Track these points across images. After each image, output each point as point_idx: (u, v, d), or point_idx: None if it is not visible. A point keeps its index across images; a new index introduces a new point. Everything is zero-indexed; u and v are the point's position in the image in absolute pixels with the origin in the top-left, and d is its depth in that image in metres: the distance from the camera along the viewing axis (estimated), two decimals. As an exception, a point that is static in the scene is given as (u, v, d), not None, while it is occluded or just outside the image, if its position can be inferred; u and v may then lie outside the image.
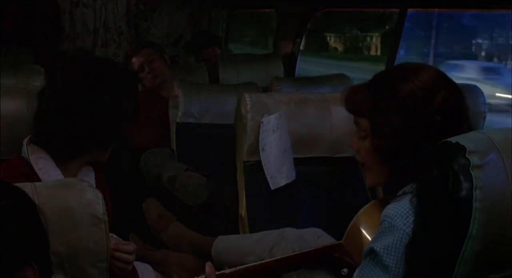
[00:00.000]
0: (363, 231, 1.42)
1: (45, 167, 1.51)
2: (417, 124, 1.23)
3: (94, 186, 1.50)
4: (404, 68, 1.30)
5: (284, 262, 1.46)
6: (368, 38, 8.40)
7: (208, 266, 1.33)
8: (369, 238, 1.37)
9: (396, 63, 2.90)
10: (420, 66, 1.30)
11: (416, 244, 1.14)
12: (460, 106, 1.26)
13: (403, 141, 1.25)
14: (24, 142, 1.54)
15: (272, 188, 1.93)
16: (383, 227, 1.22)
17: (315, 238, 1.75)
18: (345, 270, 1.44)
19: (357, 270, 1.26)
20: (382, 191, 1.99)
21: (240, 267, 1.39)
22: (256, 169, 1.95)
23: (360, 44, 8.75)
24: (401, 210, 1.20)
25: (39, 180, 1.47)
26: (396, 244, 1.18)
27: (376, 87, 1.30)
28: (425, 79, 1.25)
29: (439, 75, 1.28)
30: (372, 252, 1.22)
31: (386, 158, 1.29)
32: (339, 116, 2.00)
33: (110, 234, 1.26)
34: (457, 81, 1.32)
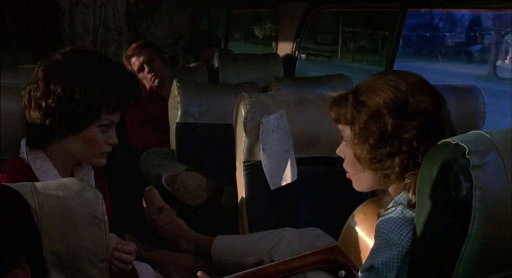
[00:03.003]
0: (359, 232, 1.41)
1: (42, 167, 1.51)
2: (394, 131, 1.24)
3: (93, 185, 1.51)
4: (383, 77, 1.32)
5: (281, 267, 1.46)
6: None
7: (201, 274, 1.34)
8: (365, 239, 1.37)
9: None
10: (400, 74, 1.31)
11: (416, 244, 1.14)
12: (437, 112, 1.26)
13: (381, 148, 1.26)
14: (22, 142, 1.54)
15: (272, 188, 1.93)
16: (379, 243, 1.22)
17: (314, 238, 1.76)
18: (342, 272, 1.44)
19: None
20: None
21: (237, 274, 1.39)
22: (256, 169, 1.95)
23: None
24: (394, 224, 1.20)
25: (37, 179, 1.47)
26: (395, 258, 1.18)
27: (355, 96, 1.32)
28: (401, 86, 1.26)
29: (417, 82, 1.29)
30: (371, 268, 1.22)
31: (367, 164, 1.30)
32: (339, 116, 1.99)
33: (110, 234, 1.26)
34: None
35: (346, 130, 1.35)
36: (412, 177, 1.22)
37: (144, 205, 2.13)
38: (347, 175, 1.40)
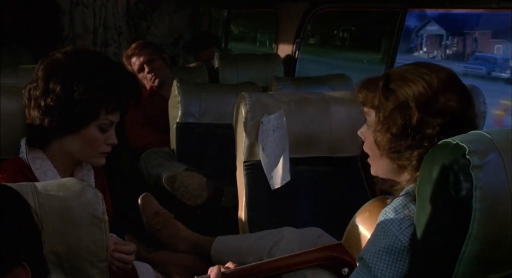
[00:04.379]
0: (362, 231, 1.42)
1: (42, 167, 1.51)
2: (418, 125, 1.24)
3: (93, 185, 1.50)
4: (417, 68, 1.31)
5: (284, 262, 1.46)
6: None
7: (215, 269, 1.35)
8: (368, 237, 1.38)
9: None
10: (434, 68, 1.30)
11: (416, 244, 1.14)
12: (463, 112, 1.26)
13: (402, 139, 1.26)
14: (22, 142, 1.54)
15: (272, 188, 1.93)
16: (377, 231, 1.22)
17: (315, 237, 1.76)
18: (346, 269, 1.43)
19: (352, 273, 1.26)
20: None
21: (240, 267, 1.39)
22: (256, 169, 1.95)
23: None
24: (396, 216, 1.20)
25: (36, 180, 1.47)
26: (388, 249, 1.18)
27: (386, 83, 1.31)
28: (433, 81, 1.26)
29: (449, 79, 1.28)
30: (361, 259, 1.22)
31: (386, 153, 1.30)
32: (339, 116, 2.00)
33: (110, 234, 1.26)
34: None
35: (371, 114, 1.35)
36: None
37: (141, 210, 2.13)
38: (368, 159, 1.40)
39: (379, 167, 1.36)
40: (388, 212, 1.22)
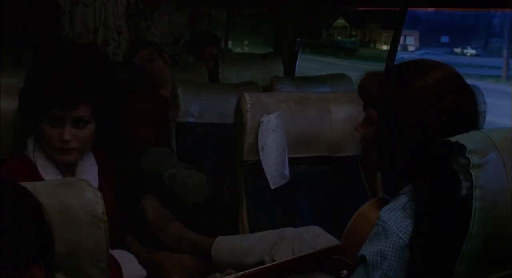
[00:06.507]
0: (361, 231, 1.41)
1: (45, 165, 1.52)
2: (422, 122, 1.22)
3: (97, 181, 1.51)
4: (419, 65, 1.29)
5: (284, 267, 1.45)
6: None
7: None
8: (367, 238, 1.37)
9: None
10: (436, 64, 1.28)
11: (416, 244, 1.14)
12: (468, 110, 1.25)
13: (405, 136, 1.24)
14: (29, 140, 1.55)
15: (272, 187, 1.93)
16: (377, 231, 1.21)
17: (314, 236, 1.75)
18: (345, 272, 1.43)
19: (353, 273, 1.25)
20: (382, 190, 1.99)
21: (239, 274, 1.39)
22: (256, 169, 1.95)
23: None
24: (395, 215, 1.19)
25: (41, 177, 1.48)
26: (390, 248, 1.17)
27: (388, 79, 1.29)
28: (438, 78, 1.24)
29: (453, 76, 1.26)
30: (364, 258, 1.21)
31: (386, 149, 1.29)
32: (339, 116, 2.00)
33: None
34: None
35: (371, 111, 1.34)
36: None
37: (142, 211, 2.13)
38: (363, 155, 1.40)
39: (374, 162, 1.36)
40: (387, 212, 1.21)
